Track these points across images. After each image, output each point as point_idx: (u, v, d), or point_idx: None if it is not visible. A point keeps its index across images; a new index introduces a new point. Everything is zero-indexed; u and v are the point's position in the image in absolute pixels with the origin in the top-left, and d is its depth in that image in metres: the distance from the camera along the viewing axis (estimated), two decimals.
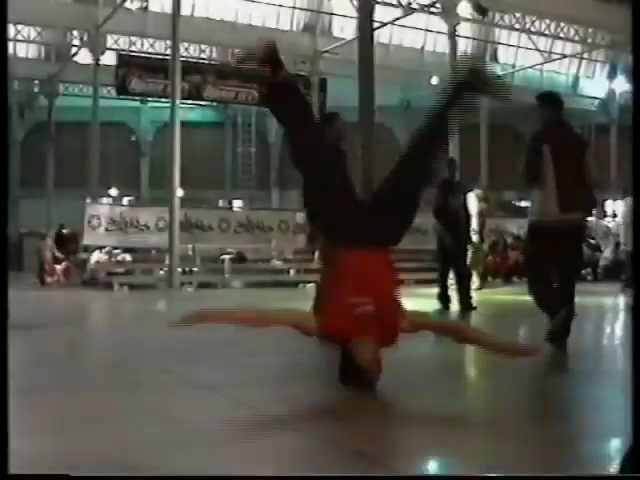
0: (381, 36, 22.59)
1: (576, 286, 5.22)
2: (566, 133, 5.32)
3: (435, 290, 8.59)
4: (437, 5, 18.83)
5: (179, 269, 15.27)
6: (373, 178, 11.08)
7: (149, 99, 25.37)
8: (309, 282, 15.94)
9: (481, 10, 18.43)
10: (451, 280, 8.57)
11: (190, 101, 22.90)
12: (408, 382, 3.92)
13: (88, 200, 18.08)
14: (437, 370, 4.58)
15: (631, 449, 1.76)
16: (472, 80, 3.75)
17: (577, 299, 5.15)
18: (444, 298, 8.30)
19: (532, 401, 3.68)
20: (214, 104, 26.30)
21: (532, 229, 5.28)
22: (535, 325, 6.55)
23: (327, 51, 23.37)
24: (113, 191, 26.70)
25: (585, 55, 28.06)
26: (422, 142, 3.79)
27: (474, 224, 11.47)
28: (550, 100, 5.42)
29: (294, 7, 24.82)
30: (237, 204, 27.97)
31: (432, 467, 2.51)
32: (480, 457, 2.47)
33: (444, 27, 18.81)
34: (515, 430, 2.88)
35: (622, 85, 27.84)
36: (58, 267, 16.51)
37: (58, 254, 16.61)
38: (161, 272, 15.67)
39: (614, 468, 2.13)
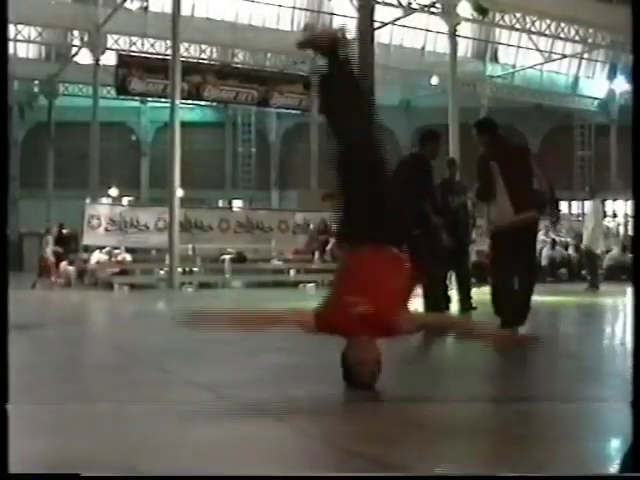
0: (381, 36, 22.60)
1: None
2: (507, 147, 6.15)
3: None
4: (437, 5, 18.83)
5: (179, 269, 15.27)
6: None
7: (149, 99, 25.40)
8: (309, 282, 15.97)
9: (481, 10, 18.43)
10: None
11: (190, 101, 22.91)
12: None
13: (88, 200, 18.10)
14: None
15: (631, 449, 1.75)
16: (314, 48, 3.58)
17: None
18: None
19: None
20: (214, 104, 26.32)
21: (494, 234, 6.08)
22: (535, 323, 6.55)
23: None
24: (113, 191, 26.71)
25: (585, 55, 28.07)
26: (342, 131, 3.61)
27: None
28: (485, 127, 6.23)
29: (294, 7, 24.84)
30: (237, 204, 27.99)
31: (432, 467, 2.51)
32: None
33: (444, 27, 18.81)
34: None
35: (622, 85, 27.84)
36: (60, 267, 16.45)
37: (55, 254, 16.49)
38: (161, 272, 15.67)
39: (614, 468, 2.13)
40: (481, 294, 7.85)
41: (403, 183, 5.81)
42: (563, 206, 29.24)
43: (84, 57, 22.69)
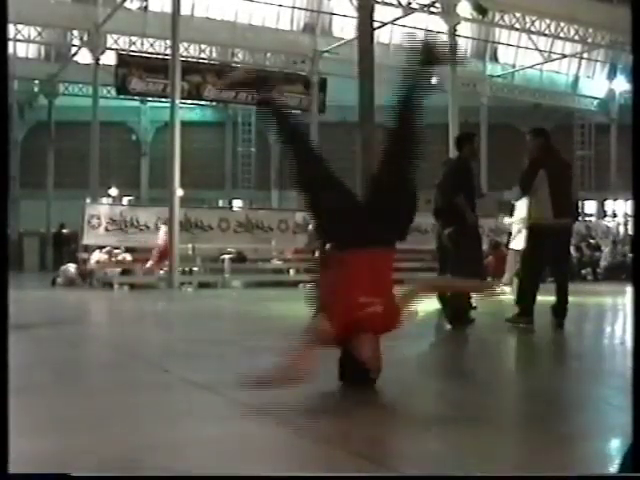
0: (381, 36, 22.58)
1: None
2: (556, 158, 6.90)
3: None
4: (437, 5, 18.81)
5: (179, 269, 15.26)
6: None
7: (149, 99, 25.36)
8: (309, 282, 15.95)
9: (481, 10, 18.40)
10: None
11: (190, 101, 22.89)
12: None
13: (88, 200, 18.08)
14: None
15: (631, 448, 1.75)
16: (427, 57, 3.74)
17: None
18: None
19: None
20: (214, 104, 26.29)
21: (532, 231, 6.75)
22: (537, 323, 6.56)
23: (327, 51, 23.36)
24: (113, 191, 26.70)
25: (585, 55, 28.05)
26: (400, 131, 3.79)
27: None
28: (541, 133, 6.99)
29: (294, 7, 24.81)
30: (237, 204, 27.97)
31: (432, 467, 2.51)
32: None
33: (444, 27, 18.79)
34: None
35: (622, 85, 27.83)
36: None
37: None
38: (161, 272, 15.66)
39: (614, 467, 2.13)
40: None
41: (445, 185, 6.93)
42: None
43: (84, 57, 22.66)
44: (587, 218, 27.24)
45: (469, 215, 6.70)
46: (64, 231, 19.47)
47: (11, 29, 21.08)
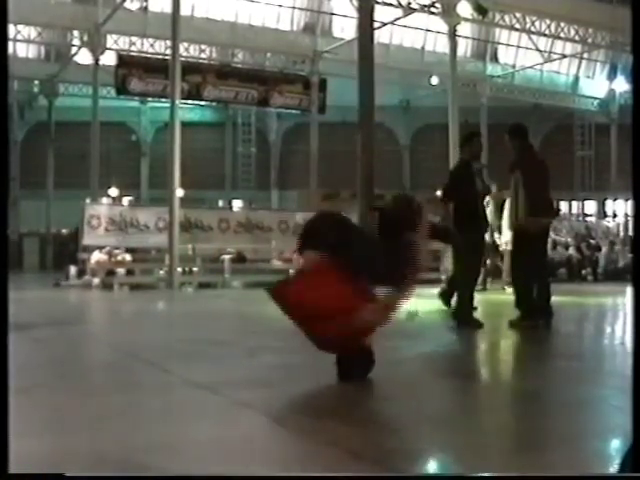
0: (381, 36, 22.58)
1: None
2: (533, 158, 6.87)
3: (436, 290, 8.60)
4: (437, 5, 18.80)
5: (179, 269, 15.25)
6: (373, 178, 11.09)
7: (149, 99, 25.37)
8: None
9: (481, 10, 18.39)
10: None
11: (190, 101, 22.90)
12: None
13: (88, 200, 18.08)
14: None
15: (631, 449, 1.75)
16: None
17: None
18: (445, 297, 8.28)
19: None
20: (214, 104, 26.30)
21: (516, 231, 6.86)
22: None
23: (327, 51, 23.37)
24: (113, 191, 26.70)
25: (585, 55, 28.05)
26: None
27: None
28: (517, 132, 6.86)
29: (294, 7, 24.82)
30: (237, 204, 27.96)
31: (432, 467, 2.51)
32: None
33: (444, 27, 18.79)
34: None
35: (622, 85, 27.83)
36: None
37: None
38: (161, 272, 15.66)
39: (614, 468, 2.13)
40: (482, 294, 7.85)
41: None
42: (564, 206, 29.31)
43: (84, 57, 22.65)
44: (587, 218, 27.27)
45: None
46: (63, 231, 19.51)
47: (11, 29, 21.08)
